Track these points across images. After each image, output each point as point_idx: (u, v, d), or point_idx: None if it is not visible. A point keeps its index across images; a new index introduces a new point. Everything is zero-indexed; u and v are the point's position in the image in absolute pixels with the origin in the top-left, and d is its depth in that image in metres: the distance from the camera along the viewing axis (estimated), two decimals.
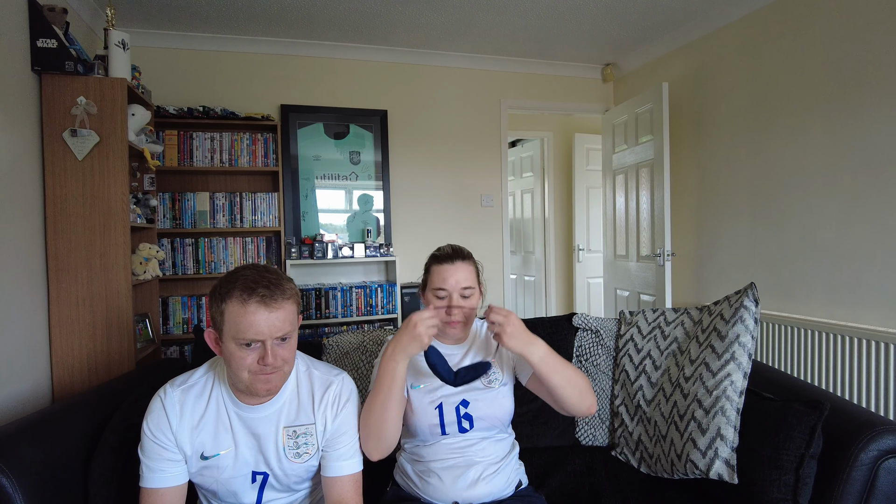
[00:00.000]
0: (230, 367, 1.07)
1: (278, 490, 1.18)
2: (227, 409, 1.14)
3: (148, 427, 1.09)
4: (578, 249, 4.73)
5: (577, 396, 1.23)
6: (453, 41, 3.53)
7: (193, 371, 1.18)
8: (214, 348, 1.09)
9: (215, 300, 1.05)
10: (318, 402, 1.17)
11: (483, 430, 1.30)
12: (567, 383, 1.21)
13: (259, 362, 1.04)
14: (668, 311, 1.70)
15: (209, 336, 1.09)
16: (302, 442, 1.15)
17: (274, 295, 1.03)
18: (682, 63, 3.42)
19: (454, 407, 1.29)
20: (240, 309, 1.01)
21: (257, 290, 1.02)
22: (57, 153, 2.06)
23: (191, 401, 1.12)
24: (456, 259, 1.33)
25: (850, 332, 2.33)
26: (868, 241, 2.32)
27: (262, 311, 1.02)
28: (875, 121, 2.28)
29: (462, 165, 3.87)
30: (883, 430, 1.15)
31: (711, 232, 3.22)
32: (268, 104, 3.44)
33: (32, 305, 1.99)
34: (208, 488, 1.15)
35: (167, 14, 2.96)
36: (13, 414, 1.80)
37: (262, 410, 1.14)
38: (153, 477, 1.08)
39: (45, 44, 2.00)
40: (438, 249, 1.38)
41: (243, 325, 1.01)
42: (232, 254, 3.26)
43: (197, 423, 1.11)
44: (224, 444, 1.12)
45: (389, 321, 3.47)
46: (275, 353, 1.04)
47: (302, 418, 1.16)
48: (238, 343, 1.03)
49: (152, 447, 1.09)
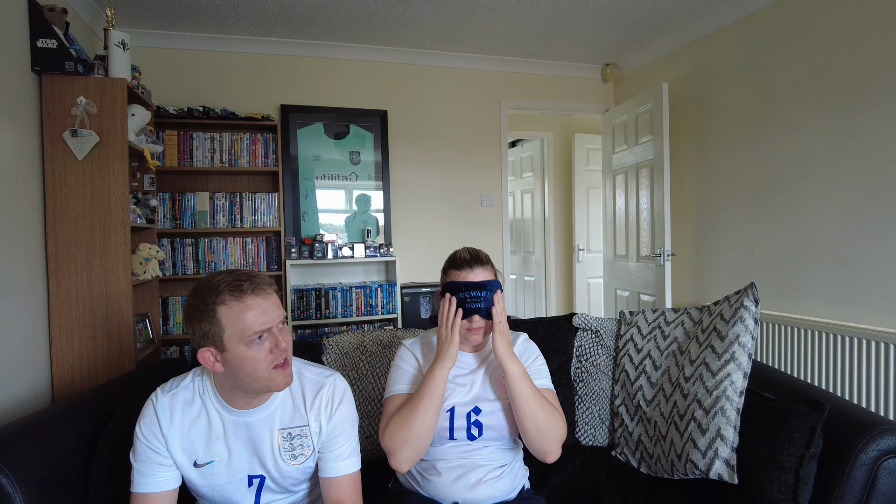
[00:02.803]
0: (244, 371, 1.03)
1: (276, 492, 1.18)
2: (219, 415, 1.12)
3: (140, 431, 1.09)
4: (578, 249, 4.73)
5: (535, 432, 1.22)
6: (453, 41, 3.53)
7: (183, 376, 1.16)
8: (213, 366, 1.04)
9: (201, 315, 1.01)
10: (311, 404, 1.16)
11: (491, 440, 1.30)
12: (530, 412, 1.21)
13: (272, 352, 1.04)
14: (668, 312, 1.70)
15: (204, 356, 1.03)
16: (297, 444, 1.15)
17: (260, 284, 1.05)
18: (682, 63, 3.42)
19: (465, 413, 1.29)
20: (238, 306, 1.01)
21: (243, 285, 1.02)
22: (57, 153, 2.06)
23: (179, 407, 1.11)
24: (475, 265, 1.31)
25: (850, 332, 2.33)
26: (868, 240, 2.32)
27: (258, 300, 1.03)
28: (875, 120, 2.28)
29: (462, 165, 3.87)
30: (883, 430, 1.15)
31: (711, 232, 3.22)
32: (268, 104, 3.44)
33: (32, 305, 1.99)
34: (204, 494, 1.15)
35: (167, 14, 2.96)
36: (13, 414, 1.80)
37: (256, 414, 1.13)
38: (144, 482, 1.08)
39: (45, 44, 2.00)
40: (455, 254, 1.35)
41: (248, 321, 1.01)
42: (232, 254, 3.26)
43: (188, 431, 1.10)
44: (217, 451, 1.11)
45: (389, 321, 3.47)
46: (283, 338, 1.06)
47: (297, 420, 1.15)
48: (248, 342, 1.01)
49: (144, 451, 1.08)
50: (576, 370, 1.77)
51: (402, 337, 1.75)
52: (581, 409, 1.72)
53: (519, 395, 1.22)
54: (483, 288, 1.27)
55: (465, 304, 1.26)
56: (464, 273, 1.30)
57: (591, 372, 1.74)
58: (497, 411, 1.30)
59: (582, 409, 1.72)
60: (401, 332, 1.79)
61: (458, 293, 1.28)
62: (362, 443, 1.51)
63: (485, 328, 1.30)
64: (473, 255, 1.33)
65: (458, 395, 1.30)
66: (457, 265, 1.32)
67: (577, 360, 1.78)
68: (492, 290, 1.27)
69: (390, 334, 1.77)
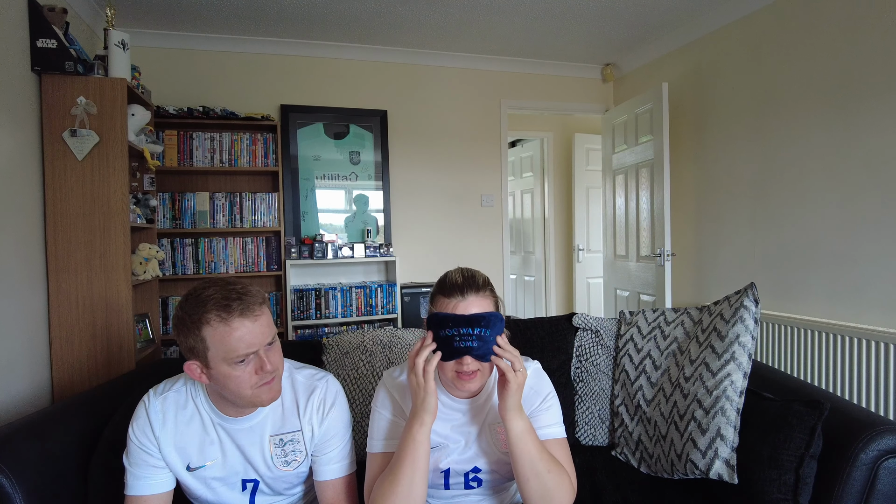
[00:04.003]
0: (227, 389, 1.03)
1: (270, 495, 1.17)
2: (211, 420, 1.11)
3: (133, 433, 1.08)
4: (578, 249, 4.73)
5: (539, 499, 1.01)
6: (453, 41, 3.53)
7: (175, 379, 1.15)
8: (200, 379, 1.03)
9: (188, 330, 0.99)
10: (304, 408, 1.14)
11: (493, 489, 1.17)
12: (534, 477, 1.00)
13: (257, 373, 1.02)
14: (668, 311, 1.70)
15: (191, 368, 1.02)
16: (290, 450, 1.13)
17: (250, 304, 1.00)
18: (682, 63, 3.42)
19: (463, 472, 1.13)
20: (223, 329, 0.98)
21: (232, 305, 0.98)
22: (57, 153, 2.06)
23: (172, 410, 1.10)
24: (468, 291, 1.03)
25: (850, 332, 2.33)
26: (868, 240, 2.32)
27: (245, 323, 0.99)
28: (875, 121, 2.28)
29: (462, 165, 3.87)
30: (883, 430, 1.15)
31: (711, 232, 3.22)
32: (268, 104, 3.44)
33: (32, 305, 1.99)
34: (199, 498, 1.14)
35: (167, 14, 2.96)
36: (13, 414, 1.80)
37: (245, 422, 1.11)
38: (137, 484, 1.07)
39: (45, 44, 2.00)
40: (445, 276, 1.08)
41: (232, 344, 0.98)
42: (232, 254, 3.26)
43: (182, 434, 1.10)
44: (210, 455, 1.11)
45: (389, 321, 3.47)
46: (270, 359, 1.03)
47: (287, 426, 1.13)
48: (231, 363, 0.99)
49: (137, 453, 1.08)
50: (576, 370, 1.77)
51: (402, 337, 1.75)
52: (581, 408, 1.72)
53: (521, 456, 1.00)
54: (476, 323, 0.99)
55: (453, 342, 0.99)
56: (453, 303, 1.02)
57: (591, 372, 1.74)
58: (502, 466, 1.12)
59: (582, 408, 1.72)
60: (401, 332, 1.79)
61: (444, 329, 1.00)
62: (361, 442, 1.51)
63: (482, 371, 1.04)
64: (467, 277, 1.05)
65: (453, 453, 1.11)
66: (445, 291, 1.05)
67: (577, 359, 1.78)
68: (490, 327, 1.00)
69: (390, 334, 1.77)
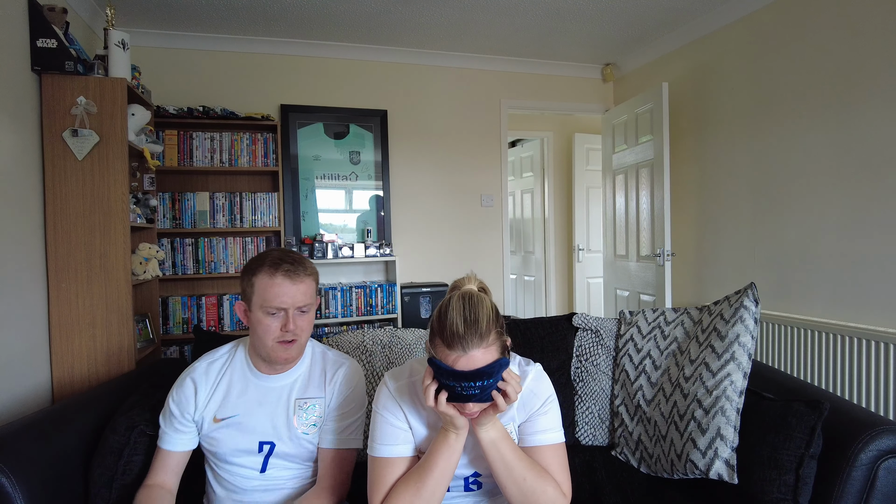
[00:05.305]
0: (256, 334, 1.20)
1: (282, 460, 1.24)
2: (244, 376, 1.26)
3: (172, 398, 1.24)
4: (578, 249, 4.74)
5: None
6: (453, 41, 3.53)
7: (221, 347, 1.32)
8: (243, 318, 1.23)
9: (247, 275, 1.20)
10: (330, 378, 1.28)
11: (490, 488, 1.18)
12: (512, 483, 1.02)
13: (281, 329, 1.17)
14: (668, 311, 1.70)
15: (239, 307, 1.23)
16: (311, 413, 1.25)
17: (297, 270, 1.19)
18: (682, 63, 3.42)
19: (463, 477, 1.16)
20: (268, 281, 1.16)
21: (283, 265, 1.17)
22: (57, 153, 2.05)
23: (214, 371, 1.26)
24: (470, 344, 0.95)
25: (850, 332, 2.33)
26: (868, 241, 2.32)
27: (286, 283, 1.17)
28: (876, 121, 2.28)
29: (462, 165, 3.87)
30: (883, 430, 1.15)
31: (711, 232, 3.22)
32: (268, 104, 3.44)
33: (32, 305, 1.99)
34: (216, 452, 1.23)
35: (167, 14, 2.96)
36: (13, 414, 1.80)
37: (276, 381, 1.26)
38: (167, 439, 1.22)
39: (45, 44, 2.00)
40: (446, 318, 0.98)
41: (270, 295, 1.16)
42: (232, 254, 3.26)
43: (214, 388, 1.24)
44: (238, 407, 1.23)
45: (389, 321, 3.47)
46: (295, 321, 1.18)
47: (310, 392, 1.27)
48: (265, 311, 1.17)
49: (171, 418, 1.22)
50: (576, 370, 1.77)
51: (402, 337, 1.75)
52: (581, 408, 1.72)
53: (495, 462, 1.03)
54: (479, 377, 0.94)
55: (455, 390, 0.96)
56: (454, 356, 0.95)
57: (591, 372, 1.74)
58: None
59: (582, 408, 1.72)
60: (401, 332, 1.79)
61: (445, 378, 0.96)
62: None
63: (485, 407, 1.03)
64: (470, 325, 0.95)
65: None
66: (446, 339, 0.96)
67: (577, 359, 1.78)
68: (493, 375, 0.95)
69: (390, 334, 1.77)
